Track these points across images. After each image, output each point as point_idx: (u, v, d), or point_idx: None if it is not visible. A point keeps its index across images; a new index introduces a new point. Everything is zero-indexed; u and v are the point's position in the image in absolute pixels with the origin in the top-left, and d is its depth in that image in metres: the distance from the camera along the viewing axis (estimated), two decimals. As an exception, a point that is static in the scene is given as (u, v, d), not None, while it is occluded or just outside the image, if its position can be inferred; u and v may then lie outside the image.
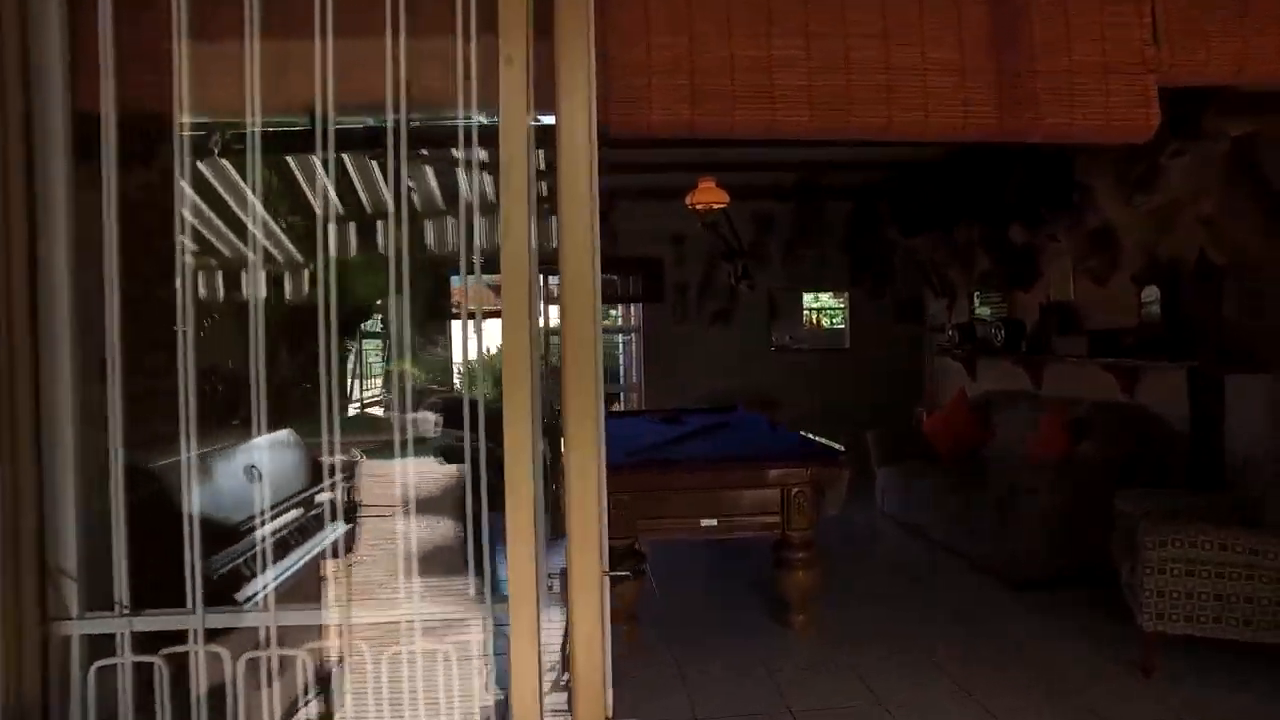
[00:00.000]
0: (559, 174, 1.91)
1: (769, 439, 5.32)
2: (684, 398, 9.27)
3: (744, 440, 5.31)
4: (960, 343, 7.65)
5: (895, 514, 6.98)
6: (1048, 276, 6.74)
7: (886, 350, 9.77)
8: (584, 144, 1.93)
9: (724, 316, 9.47)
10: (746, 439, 5.35)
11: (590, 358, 1.92)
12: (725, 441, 5.23)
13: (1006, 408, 6.74)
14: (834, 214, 9.50)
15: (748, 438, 5.41)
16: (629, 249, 9.32)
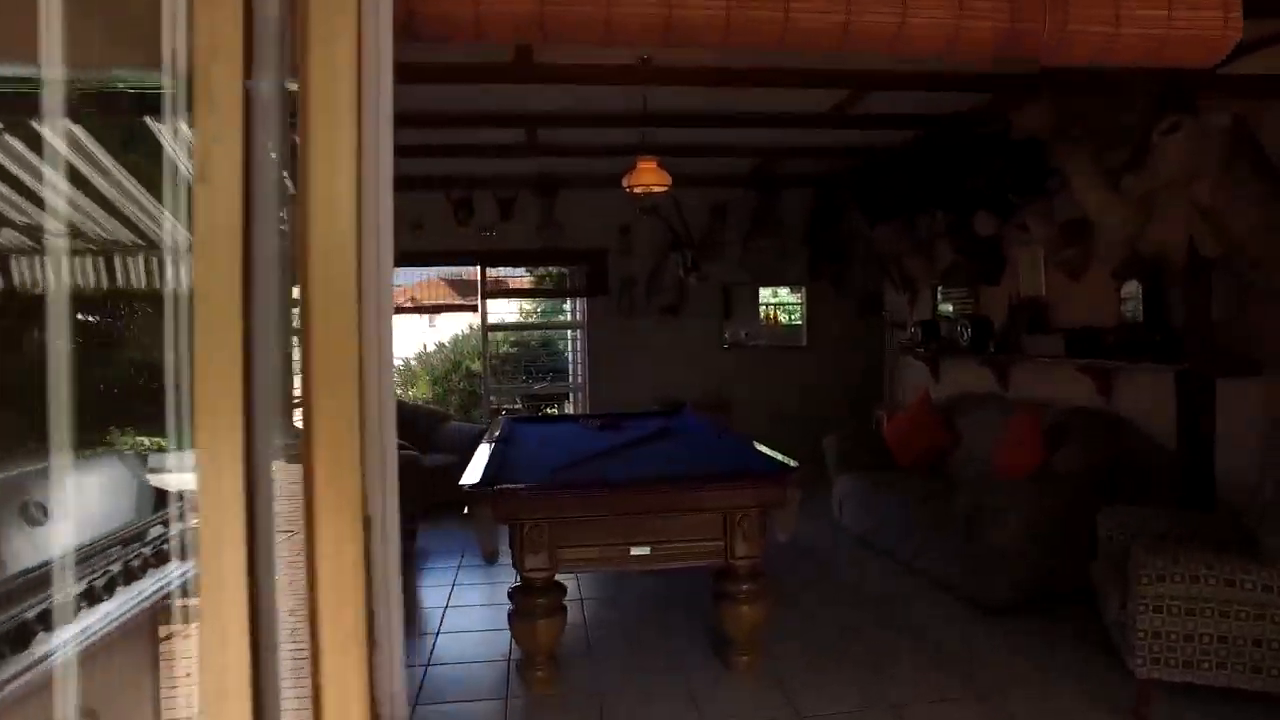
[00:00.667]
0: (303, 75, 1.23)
1: (712, 451, 4.73)
2: (631, 398, 8.69)
3: (684, 453, 4.71)
4: (923, 341, 7.14)
5: (853, 527, 6.44)
6: (1017, 270, 6.23)
7: (846, 348, 9.27)
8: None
9: (673, 312, 8.88)
10: (687, 451, 4.76)
11: (346, 364, 1.22)
12: (663, 455, 4.63)
13: (973, 411, 6.23)
14: (793, 204, 8.96)
15: (689, 450, 4.82)
16: (571, 239, 8.71)
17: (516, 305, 9.59)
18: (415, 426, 8.17)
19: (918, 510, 5.42)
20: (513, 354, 10.49)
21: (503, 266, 8.80)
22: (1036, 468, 4.99)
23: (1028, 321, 5.89)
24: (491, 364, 9.91)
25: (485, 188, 8.58)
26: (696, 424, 5.82)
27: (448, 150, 7.39)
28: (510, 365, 10.30)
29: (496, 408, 10.10)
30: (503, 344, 10.27)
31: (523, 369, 10.35)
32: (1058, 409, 5.43)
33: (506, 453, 4.77)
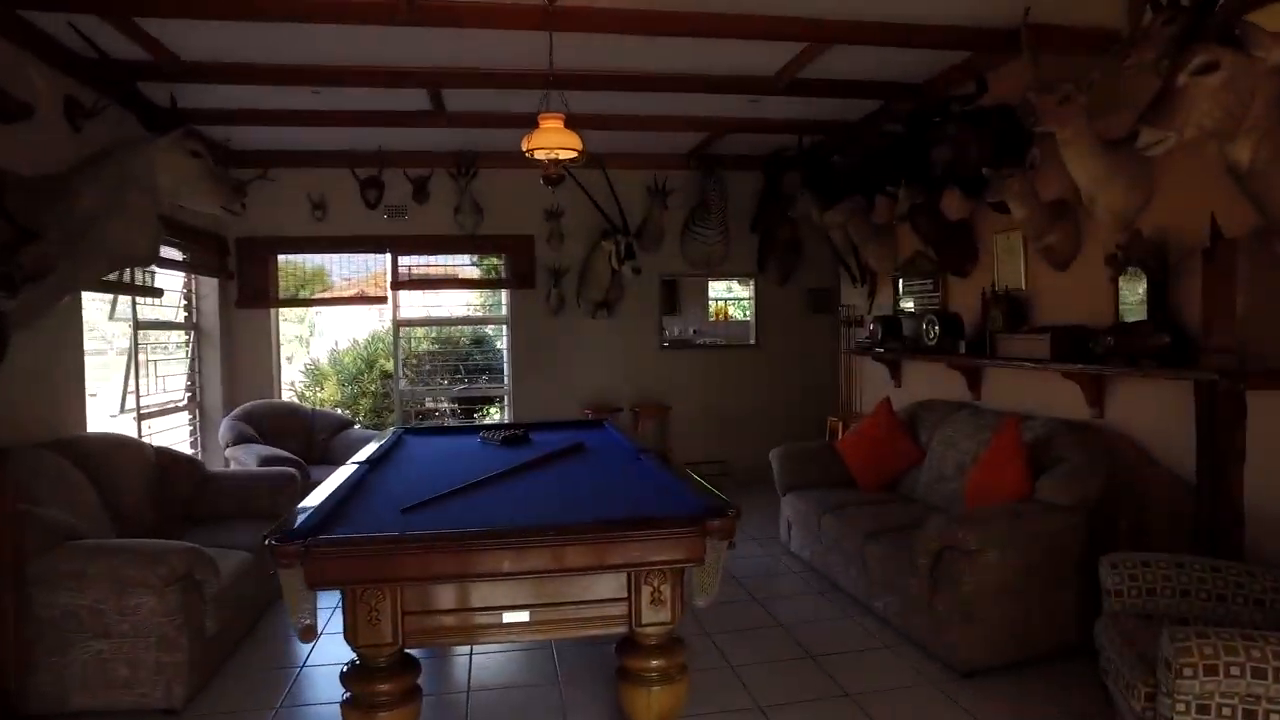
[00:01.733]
0: None
1: (624, 481, 3.76)
2: (559, 405, 7.74)
3: (586, 486, 3.72)
4: (883, 340, 6.24)
5: (801, 553, 5.53)
6: (992, 259, 5.35)
7: (799, 347, 8.38)
8: None
9: (607, 307, 7.90)
10: (590, 483, 3.77)
11: None
12: (556, 491, 3.64)
13: (942, 423, 5.33)
14: (739, 187, 8.04)
15: (595, 479, 3.83)
16: (493, 225, 7.72)
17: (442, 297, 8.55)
18: (311, 434, 7.12)
19: (876, 543, 4.50)
20: (439, 352, 9.44)
21: (416, 255, 7.77)
22: (1020, 497, 4.09)
23: (1005, 318, 5.00)
24: (410, 363, 8.86)
25: (395, 165, 7.54)
26: (617, 440, 4.85)
27: (349, 118, 6.36)
28: (435, 364, 9.25)
29: (423, 411, 9.06)
30: (423, 341, 9.23)
31: (451, 369, 9.30)
32: (1040, 422, 4.55)
33: (367, 480, 3.77)
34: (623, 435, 4.95)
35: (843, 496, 5.35)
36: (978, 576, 3.73)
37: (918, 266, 6.19)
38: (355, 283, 8.93)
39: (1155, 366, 3.73)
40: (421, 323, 8.21)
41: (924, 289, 6.16)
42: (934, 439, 5.31)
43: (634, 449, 4.42)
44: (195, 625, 3.63)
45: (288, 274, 7.93)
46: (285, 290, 7.87)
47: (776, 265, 8.10)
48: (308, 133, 6.77)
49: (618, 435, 4.99)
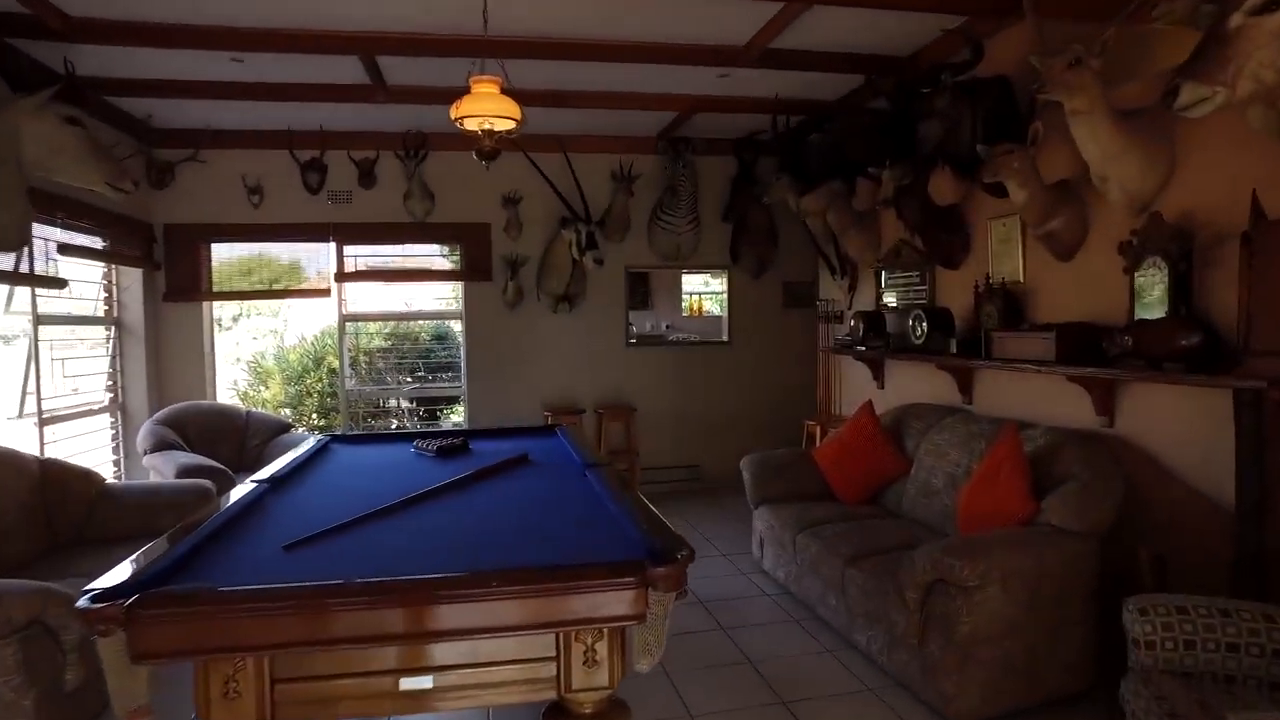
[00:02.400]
0: None
1: (560, 510, 3.16)
2: (517, 406, 7.15)
3: (513, 515, 3.13)
4: (864, 337, 5.68)
5: (775, 573, 4.97)
6: (986, 249, 4.79)
7: (775, 345, 7.82)
8: None
9: (568, 301, 7.30)
10: (520, 512, 3.17)
11: None
12: (481, 518, 3.04)
13: (930, 430, 4.78)
14: (710, 173, 7.47)
15: (524, 508, 3.22)
16: (446, 212, 7.10)
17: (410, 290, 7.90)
18: (245, 439, 6.48)
19: (858, 569, 3.94)
20: (397, 348, 8.80)
21: (363, 244, 7.13)
22: (1022, 520, 3.54)
23: (1001, 315, 4.46)
24: (361, 361, 8.23)
25: (339, 146, 6.90)
26: (565, 452, 4.27)
27: (280, 92, 5.73)
28: (391, 362, 8.62)
29: (378, 412, 8.43)
30: (375, 337, 8.59)
31: (410, 366, 8.66)
32: (1041, 431, 4.01)
33: (262, 505, 3.17)
34: (573, 444, 4.37)
35: (820, 511, 4.79)
36: (976, 616, 3.18)
37: (903, 257, 5.64)
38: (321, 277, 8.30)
39: (1184, 371, 3.18)
40: (369, 317, 7.58)
41: (909, 282, 5.61)
42: (921, 447, 4.76)
43: (581, 463, 3.84)
44: (47, 683, 3.01)
45: (258, 265, 7.27)
46: (260, 283, 7.22)
47: (750, 257, 7.54)
48: (239, 110, 6.12)
49: (568, 445, 4.40)
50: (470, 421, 7.30)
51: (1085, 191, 3.98)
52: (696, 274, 10.38)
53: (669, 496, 7.35)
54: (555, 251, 7.04)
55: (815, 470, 5.20)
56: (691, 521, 6.56)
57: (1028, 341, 4.05)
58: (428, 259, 7.35)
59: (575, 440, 4.50)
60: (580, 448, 4.25)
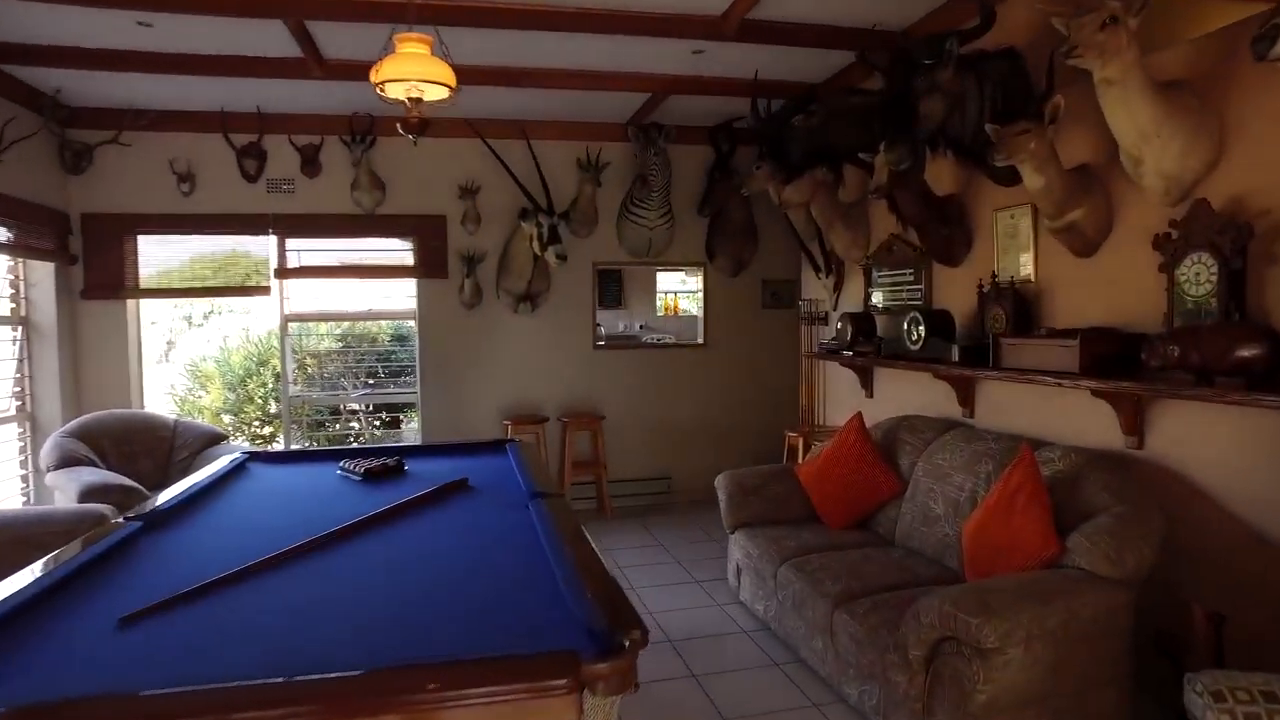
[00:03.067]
0: None
1: (487, 564, 2.55)
2: (474, 415, 6.55)
3: (434, 565, 2.52)
4: (852, 341, 5.11)
5: (753, 605, 4.39)
6: (992, 243, 4.23)
7: (754, 348, 7.25)
8: None
9: (530, 300, 6.69)
10: (436, 565, 2.55)
11: None
12: (382, 575, 2.42)
13: (927, 447, 4.22)
14: (685, 162, 6.89)
15: (444, 558, 2.60)
16: (398, 203, 6.48)
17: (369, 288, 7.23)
18: (171, 451, 5.82)
19: (849, 614, 3.37)
20: (352, 350, 8.14)
21: (306, 237, 6.49)
22: (1043, 561, 2.98)
23: (1009, 318, 3.90)
24: (308, 364, 7.58)
25: (279, 130, 6.26)
26: (511, 475, 3.66)
27: (201, 64, 5.09)
28: (347, 365, 7.97)
29: (327, 419, 7.78)
30: (325, 339, 7.91)
31: (369, 369, 8.01)
32: (1059, 452, 3.45)
33: (129, 550, 2.56)
34: (522, 465, 3.76)
35: (804, 538, 4.22)
36: (995, 683, 2.61)
37: (895, 253, 5.07)
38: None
39: (1245, 388, 2.62)
40: (313, 317, 6.93)
41: (902, 281, 5.05)
42: (918, 467, 4.20)
43: (527, 491, 3.25)
44: None
45: (229, 263, 6.58)
46: (242, 279, 6.55)
47: (728, 253, 6.97)
48: (163, 86, 5.46)
49: (516, 465, 3.80)
50: (424, 430, 6.68)
51: (1112, 177, 3.43)
52: (673, 271, 9.84)
53: (639, 511, 6.77)
54: (515, 246, 6.43)
55: (798, 490, 4.63)
56: (662, 540, 5.98)
57: (1045, 349, 3.49)
58: (378, 254, 6.71)
59: (525, 460, 3.90)
60: (529, 469, 3.65)
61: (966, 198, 4.40)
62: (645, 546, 5.84)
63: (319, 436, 7.91)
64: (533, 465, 3.76)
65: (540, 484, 3.34)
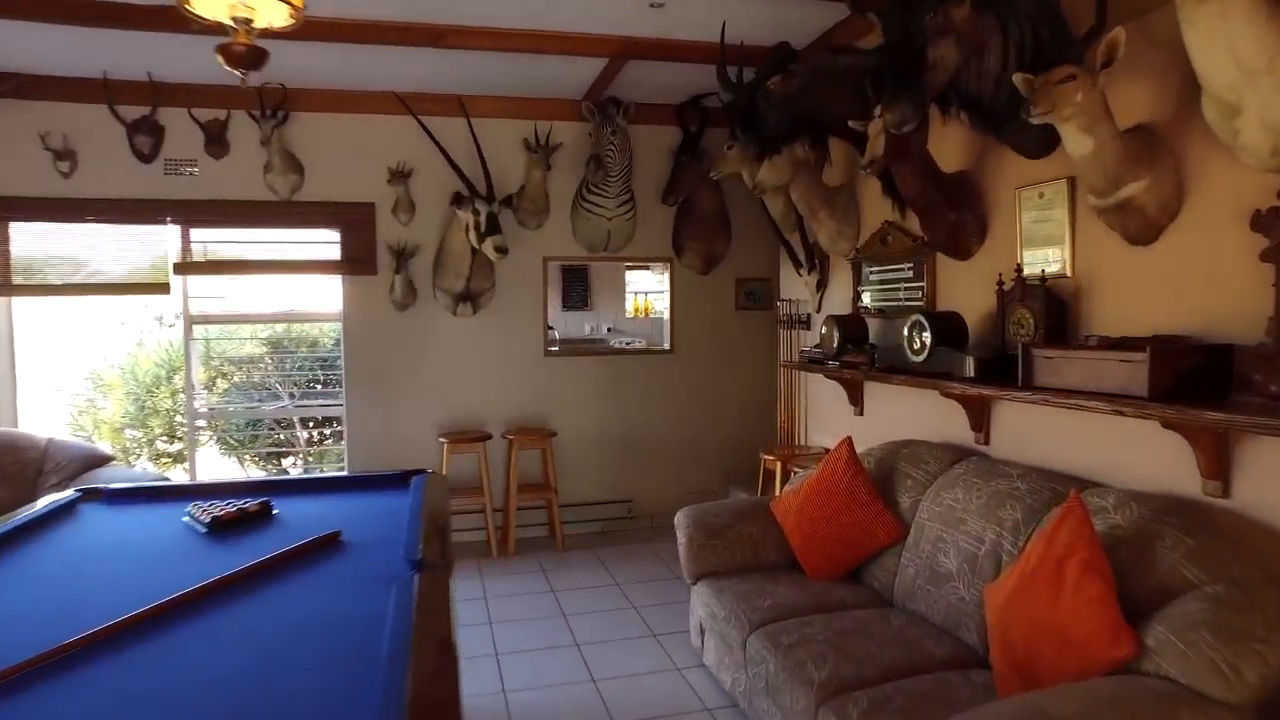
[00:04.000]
0: None
1: (312, 685, 1.68)
2: (411, 427, 5.65)
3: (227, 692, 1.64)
4: (840, 349, 4.24)
5: (719, 677, 3.52)
6: (1015, 230, 3.36)
7: (727, 354, 6.37)
8: None
9: (470, 300, 5.78)
10: (232, 691, 1.68)
11: None
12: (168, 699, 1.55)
13: (934, 483, 3.36)
14: (649, 146, 6.02)
15: (243, 684, 1.73)
16: (319, 188, 5.57)
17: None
18: (39, 477, 4.88)
19: (837, 716, 2.49)
20: (291, 356, 7.21)
21: (212, 227, 5.57)
22: (1112, 663, 2.12)
23: (1040, 323, 3.04)
24: (228, 370, 6.64)
25: (176, 103, 5.33)
26: (398, 527, 2.76)
27: (68, 8, 4.15)
28: (279, 372, 7.04)
29: (251, 435, 6.84)
30: (252, 342, 6.99)
31: (307, 377, 7.09)
32: (1112, 497, 2.60)
33: None
34: (419, 512, 2.87)
35: (781, 595, 3.34)
36: None
37: (890, 245, 4.21)
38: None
39: None
40: (224, 319, 5.99)
41: (899, 277, 4.18)
42: (922, 507, 3.33)
43: (406, 558, 2.37)
44: None
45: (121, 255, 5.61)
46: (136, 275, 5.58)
47: (697, 247, 6.09)
48: (30, 42, 4.52)
49: (411, 514, 2.89)
50: (350, 450, 5.76)
51: (1185, 138, 2.58)
52: (644, 269, 8.99)
53: (597, 540, 5.88)
54: (451, 238, 5.53)
55: (774, 531, 3.76)
56: (619, 577, 5.09)
57: (1097, 364, 2.62)
58: (299, 247, 5.78)
59: (426, 505, 3.00)
60: (423, 522, 2.75)
61: (981, 174, 3.54)
62: (598, 588, 4.95)
63: (249, 453, 6.98)
64: (430, 515, 2.86)
65: (426, 548, 2.44)
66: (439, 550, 2.46)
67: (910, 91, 3.04)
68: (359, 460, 5.71)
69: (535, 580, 5.09)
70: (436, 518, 2.80)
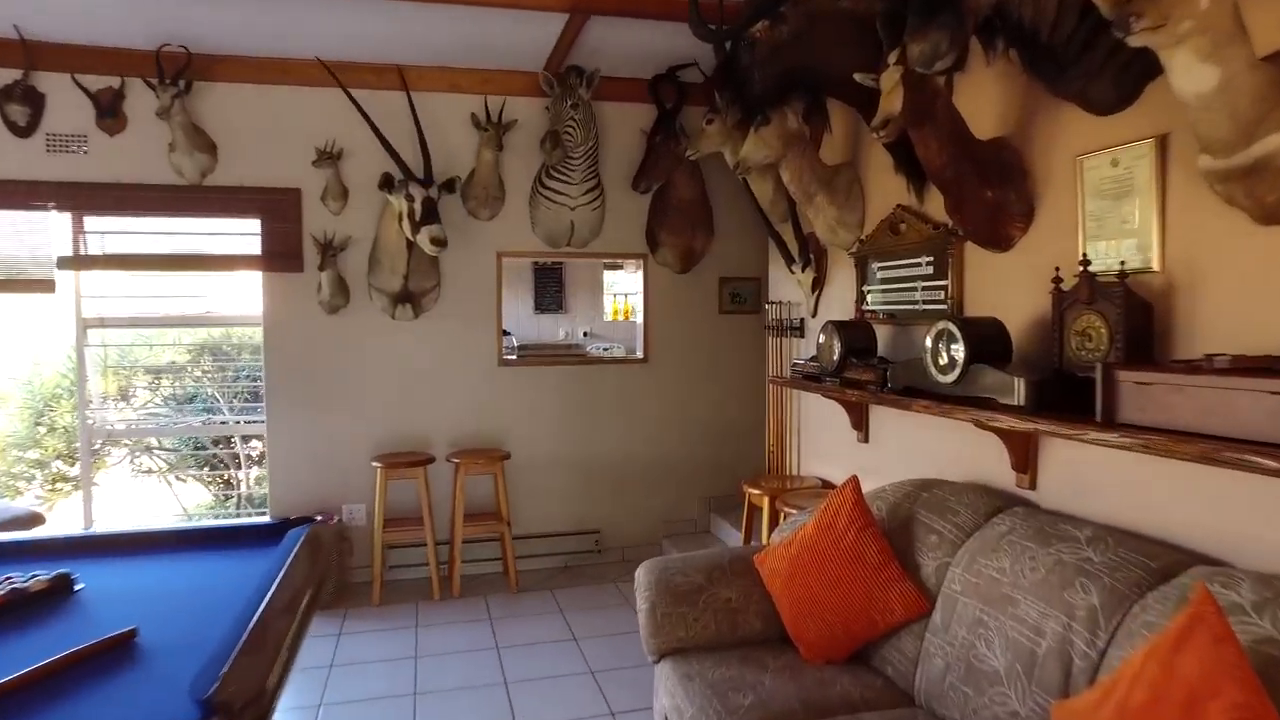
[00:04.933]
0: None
1: None
2: (343, 447, 4.81)
3: None
4: (842, 363, 3.39)
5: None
6: (1076, 210, 2.51)
7: (709, 365, 5.53)
8: None
9: (410, 301, 4.93)
10: None
11: None
12: None
13: (967, 543, 2.52)
14: (620, 126, 5.20)
15: None
16: (234, 171, 4.72)
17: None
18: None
19: None
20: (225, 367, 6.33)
21: (109, 213, 4.72)
22: None
23: (1117, 336, 2.20)
24: (139, 380, 5.76)
25: (58, 66, 4.47)
26: (225, 621, 1.91)
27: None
28: (220, 382, 6.17)
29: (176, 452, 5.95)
30: (176, 349, 6.11)
31: (247, 391, 6.21)
32: (1246, 582, 1.76)
33: None
34: (251, 612, 2.00)
35: (766, 688, 2.50)
36: None
37: (904, 234, 3.37)
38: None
39: None
40: (125, 323, 5.11)
41: (915, 274, 3.33)
42: (952, 573, 2.49)
43: (193, 701, 1.51)
44: None
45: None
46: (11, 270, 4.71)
47: (675, 242, 5.25)
48: None
49: (246, 605, 2.03)
50: (271, 475, 4.90)
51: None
52: (623, 268, 8.20)
53: (557, 579, 5.03)
54: (384, 229, 4.68)
55: (758, 591, 2.92)
56: (578, 629, 4.25)
57: (1229, 396, 1.77)
58: (211, 239, 4.92)
59: (284, 583, 2.14)
60: (253, 627, 1.88)
61: (1025, 140, 2.71)
62: (553, 643, 4.10)
63: (180, 475, 6.11)
64: (273, 610, 1.99)
65: (230, 678, 1.58)
66: (254, 680, 1.60)
67: (944, 18, 2.19)
68: (280, 488, 4.85)
69: (477, 633, 4.23)
70: (279, 616, 1.94)
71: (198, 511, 6.53)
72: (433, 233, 4.22)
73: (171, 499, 6.36)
